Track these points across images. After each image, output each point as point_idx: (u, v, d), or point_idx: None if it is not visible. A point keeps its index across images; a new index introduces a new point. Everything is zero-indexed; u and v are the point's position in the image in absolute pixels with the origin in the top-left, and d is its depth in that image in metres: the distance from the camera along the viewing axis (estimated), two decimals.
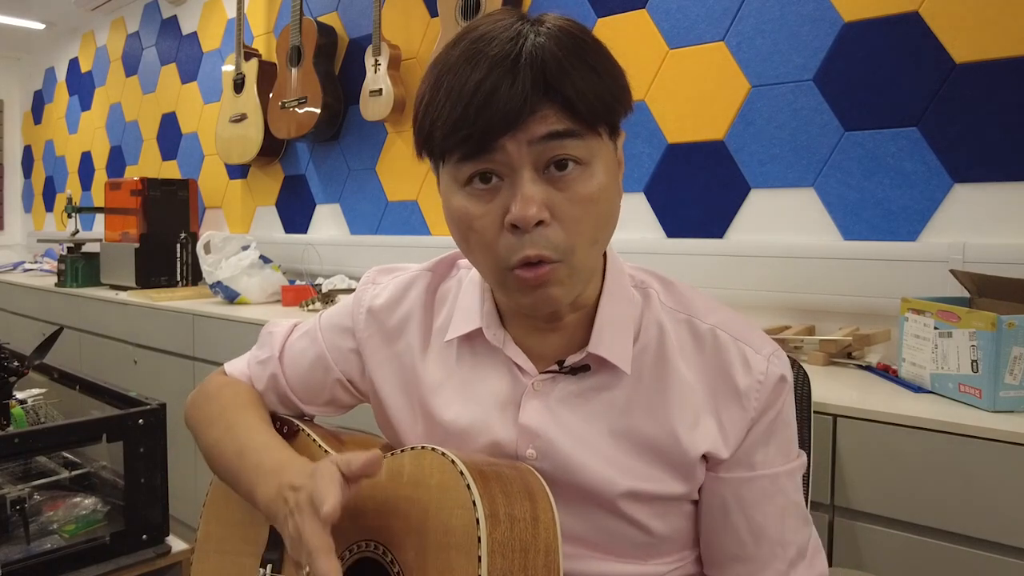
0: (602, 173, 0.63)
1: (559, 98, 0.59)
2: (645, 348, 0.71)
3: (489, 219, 0.62)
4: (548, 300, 0.64)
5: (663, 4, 1.83)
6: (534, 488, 0.65)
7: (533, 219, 0.59)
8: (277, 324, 0.91)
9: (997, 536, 0.98)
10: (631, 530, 0.70)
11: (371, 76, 2.43)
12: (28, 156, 4.92)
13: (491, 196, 0.62)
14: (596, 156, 0.62)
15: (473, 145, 0.60)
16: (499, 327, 0.73)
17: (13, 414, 1.12)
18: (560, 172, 0.61)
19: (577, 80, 0.59)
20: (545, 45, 0.59)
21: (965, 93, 1.40)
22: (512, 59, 0.59)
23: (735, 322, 0.72)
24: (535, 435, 0.70)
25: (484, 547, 0.59)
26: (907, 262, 1.45)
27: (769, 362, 0.70)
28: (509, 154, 0.60)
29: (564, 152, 0.60)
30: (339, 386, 0.84)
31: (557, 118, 0.59)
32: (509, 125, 0.58)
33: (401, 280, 0.83)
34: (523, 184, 0.60)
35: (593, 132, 0.61)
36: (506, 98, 0.58)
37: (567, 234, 0.61)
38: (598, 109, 0.61)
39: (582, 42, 0.61)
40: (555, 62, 0.59)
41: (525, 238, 0.60)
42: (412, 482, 0.65)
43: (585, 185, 0.61)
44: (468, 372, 0.75)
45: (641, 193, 1.89)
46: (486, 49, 0.60)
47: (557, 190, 0.61)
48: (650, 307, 0.73)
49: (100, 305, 2.78)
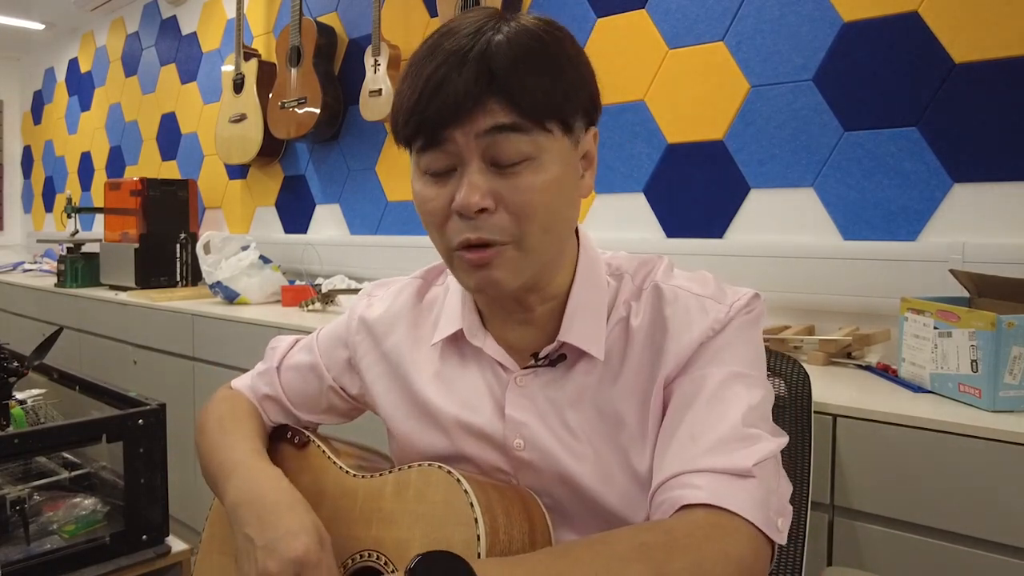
0: (553, 167, 0.64)
1: (504, 93, 0.61)
2: (613, 329, 0.72)
3: (438, 203, 0.65)
4: (491, 282, 0.66)
5: (663, 4, 1.83)
6: (533, 512, 0.68)
7: (474, 207, 0.62)
8: (281, 339, 0.96)
9: (997, 536, 0.98)
10: (619, 514, 0.71)
11: (371, 76, 2.43)
12: (28, 156, 4.92)
13: (444, 182, 0.65)
14: (545, 151, 0.64)
15: (426, 134, 0.63)
16: (480, 328, 0.76)
17: (13, 414, 1.12)
18: (507, 164, 0.63)
19: (523, 76, 0.61)
20: (500, 42, 0.62)
21: (965, 93, 1.40)
22: (463, 53, 0.61)
23: (705, 283, 0.73)
24: (521, 425, 0.73)
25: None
26: (907, 262, 1.45)
27: (730, 307, 0.70)
28: (458, 144, 0.63)
29: (508, 147, 0.62)
30: (332, 393, 0.88)
31: (503, 112, 0.61)
32: (455, 116, 0.61)
33: (392, 289, 0.87)
34: (469, 173, 0.63)
35: (540, 128, 0.63)
36: (452, 89, 0.61)
37: (514, 221, 0.64)
38: (544, 105, 0.62)
39: (540, 41, 0.63)
40: (503, 58, 0.61)
41: (470, 223, 0.64)
42: (417, 497, 0.67)
43: (532, 177, 0.63)
44: (455, 371, 0.78)
45: (641, 193, 1.89)
46: (445, 43, 0.63)
47: (504, 180, 0.63)
48: (622, 290, 0.74)
49: (100, 305, 2.78)
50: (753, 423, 0.65)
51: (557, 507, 0.72)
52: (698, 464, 0.62)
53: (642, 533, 0.58)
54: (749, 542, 0.59)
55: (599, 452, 0.71)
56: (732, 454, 0.62)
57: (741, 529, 0.59)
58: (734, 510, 0.59)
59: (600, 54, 1.95)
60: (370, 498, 0.71)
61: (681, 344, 0.69)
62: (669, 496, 0.62)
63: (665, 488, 0.63)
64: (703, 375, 0.68)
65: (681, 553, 0.55)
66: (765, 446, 0.64)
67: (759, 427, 0.65)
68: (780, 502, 0.64)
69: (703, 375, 0.68)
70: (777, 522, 0.62)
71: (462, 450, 0.76)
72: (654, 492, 0.65)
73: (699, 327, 0.69)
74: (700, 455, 0.63)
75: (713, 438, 0.63)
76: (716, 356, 0.69)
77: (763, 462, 0.63)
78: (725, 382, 0.67)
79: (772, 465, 0.65)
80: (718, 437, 0.63)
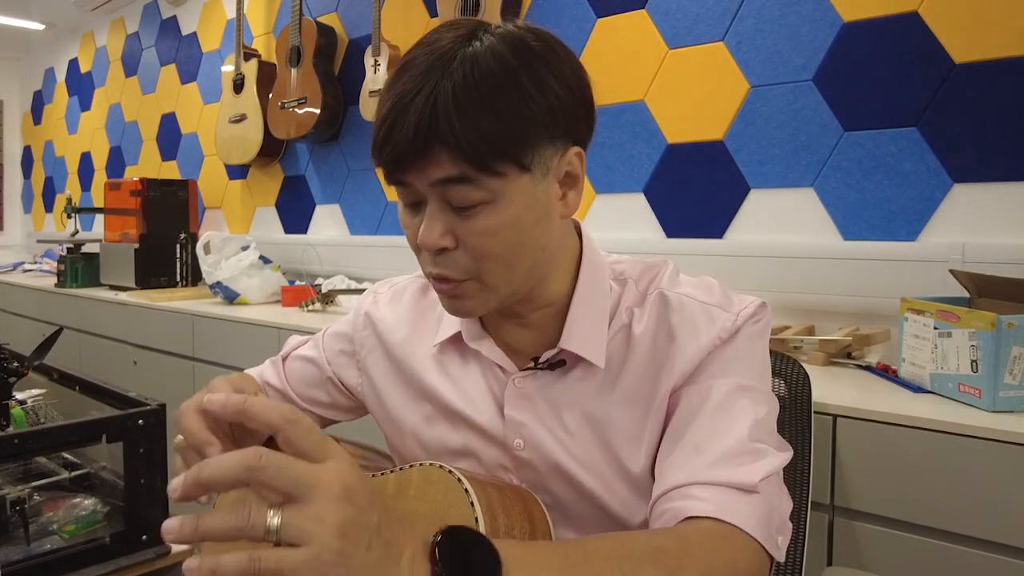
0: (511, 207, 0.62)
1: (446, 142, 0.59)
2: (615, 336, 0.72)
3: (412, 231, 0.66)
4: (462, 310, 0.69)
5: (663, 4, 1.83)
6: (533, 511, 0.68)
7: (433, 247, 0.63)
8: (296, 338, 0.98)
9: (997, 536, 0.98)
10: (618, 516, 0.71)
11: (371, 76, 2.43)
12: (28, 156, 4.92)
13: (415, 212, 0.66)
14: (500, 194, 0.62)
15: (387, 174, 0.64)
16: (479, 329, 0.77)
17: (13, 415, 1.12)
18: (463, 209, 0.62)
19: (465, 124, 0.58)
20: (445, 87, 0.58)
21: (965, 93, 1.40)
22: (410, 98, 0.59)
23: (711, 290, 0.73)
24: (520, 425, 0.73)
25: None
26: (907, 262, 1.45)
27: (737, 316, 0.70)
28: (415, 187, 0.63)
29: (459, 196, 0.61)
30: (331, 385, 0.90)
31: (449, 162, 0.60)
32: (408, 163, 0.61)
33: (397, 287, 0.88)
34: (429, 214, 0.63)
35: (490, 173, 0.60)
36: (398, 139, 0.60)
37: (473, 259, 0.64)
38: (490, 151, 0.59)
39: (491, 76, 0.59)
40: (446, 105, 0.58)
41: (432, 258, 0.65)
42: (418, 496, 0.67)
43: (488, 220, 0.62)
44: (457, 370, 0.78)
45: (641, 193, 1.89)
46: (402, 78, 0.61)
47: (462, 221, 0.63)
48: (625, 296, 0.74)
49: (100, 306, 2.78)
50: (759, 438, 0.65)
51: (557, 506, 0.73)
52: (704, 476, 0.62)
53: (656, 537, 0.58)
54: (753, 557, 0.59)
55: (594, 453, 0.71)
56: (738, 468, 0.62)
57: (745, 544, 0.59)
58: (739, 525, 0.59)
59: (600, 54, 1.95)
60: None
61: (688, 353, 0.69)
62: (673, 506, 0.62)
63: (668, 498, 0.63)
64: (709, 386, 0.68)
65: (694, 560, 0.55)
66: (771, 461, 0.64)
67: (765, 441, 0.65)
68: (781, 519, 0.64)
69: (709, 386, 0.68)
70: (778, 540, 0.62)
71: (468, 445, 0.76)
72: (656, 500, 0.65)
73: (706, 336, 0.69)
74: (706, 467, 0.63)
75: (719, 451, 0.63)
76: (723, 367, 0.68)
77: (768, 478, 0.63)
78: (732, 394, 0.67)
79: (776, 481, 0.65)
80: (724, 450, 0.63)
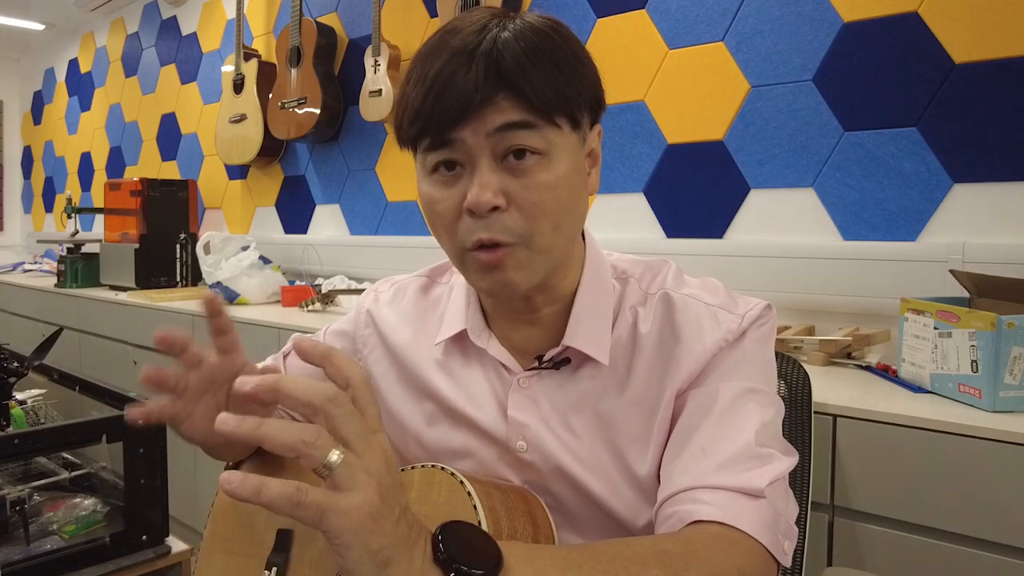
0: (562, 164, 0.64)
1: (513, 89, 0.60)
2: (620, 336, 0.72)
3: (449, 203, 0.64)
4: (505, 283, 0.65)
5: (662, 4, 1.83)
6: (536, 513, 0.68)
7: (487, 205, 0.61)
8: (301, 335, 0.96)
9: (997, 536, 0.98)
10: (622, 518, 0.70)
11: (371, 76, 2.43)
12: (28, 157, 4.92)
13: (454, 182, 0.64)
14: (555, 147, 0.63)
15: (433, 134, 0.62)
16: (484, 328, 0.76)
17: (13, 415, 1.12)
18: (518, 161, 0.62)
19: (532, 72, 0.61)
20: (507, 39, 0.61)
21: (964, 93, 1.40)
22: (470, 51, 0.61)
23: (715, 292, 0.72)
24: (523, 427, 0.72)
25: None
26: (907, 262, 1.45)
27: (743, 318, 0.70)
28: (467, 144, 0.62)
29: (520, 142, 0.62)
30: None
31: (513, 109, 0.61)
32: (463, 114, 0.60)
33: (399, 286, 0.87)
34: (480, 172, 0.62)
35: (550, 123, 0.62)
36: (460, 88, 0.60)
37: (525, 219, 0.63)
38: (553, 101, 0.62)
39: (546, 37, 0.63)
40: (511, 55, 0.60)
41: (481, 222, 0.63)
42: (420, 498, 0.67)
43: (543, 174, 0.63)
44: (460, 370, 0.77)
45: (641, 193, 1.89)
46: (451, 41, 0.62)
47: (515, 178, 0.63)
48: (627, 295, 0.74)
49: (100, 306, 2.78)
50: (765, 442, 0.64)
51: (560, 508, 0.72)
52: (710, 480, 0.62)
53: (662, 541, 0.57)
54: (760, 562, 0.59)
55: (600, 456, 0.70)
56: (745, 473, 0.62)
57: (752, 549, 0.59)
58: (745, 530, 0.59)
59: (600, 54, 1.94)
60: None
61: (693, 355, 0.68)
62: (679, 509, 0.61)
63: (674, 501, 0.63)
64: (716, 388, 0.67)
65: (699, 564, 0.55)
66: (777, 466, 0.63)
67: (771, 446, 0.64)
68: (787, 524, 0.63)
69: (716, 388, 0.67)
70: (784, 544, 0.62)
71: (469, 446, 0.76)
72: (662, 503, 0.64)
73: (711, 337, 0.69)
74: (712, 471, 0.62)
75: (726, 455, 0.63)
76: (729, 370, 0.68)
77: (775, 483, 0.62)
78: (738, 397, 0.66)
79: (782, 486, 0.64)
80: (731, 454, 0.63)
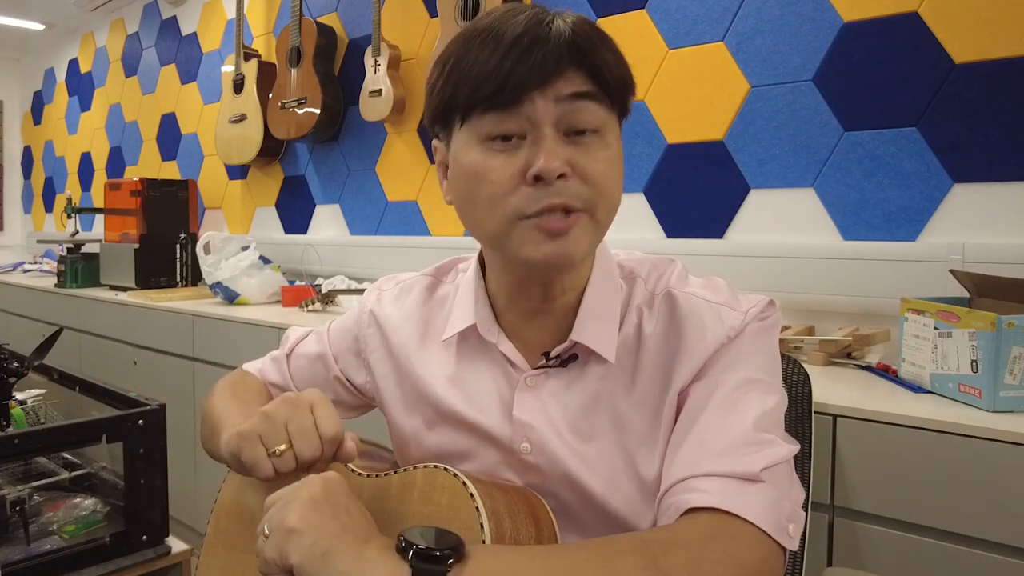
0: (613, 144, 0.66)
1: (588, 65, 0.63)
2: (626, 336, 0.72)
3: (506, 172, 0.63)
4: (563, 252, 0.64)
5: (662, 4, 1.83)
6: (539, 515, 0.67)
7: (556, 171, 0.62)
8: (296, 329, 0.96)
9: (997, 536, 0.98)
10: (626, 521, 0.70)
11: (371, 76, 2.43)
12: (28, 157, 4.92)
13: (511, 151, 0.64)
14: (608, 127, 0.66)
15: (504, 97, 0.62)
16: (493, 323, 0.75)
17: (13, 415, 1.12)
18: (578, 136, 0.64)
19: (600, 50, 0.64)
20: (574, 21, 0.64)
21: (964, 93, 1.40)
22: (545, 25, 0.63)
23: (719, 290, 0.72)
24: (528, 428, 0.72)
25: None
26: (907, 262, 1.45)
27: (745, 315, 0.70)
28: (536, 109, 0.62)
29: (584, 115, 0.63)
30: (338, 383, 0.88)
31: (582, 81, 0.63)
32: (541, 79, 0.61)
33: (403, 285, 0.86)
34: (547, 140, 0.62)
35: (610, 101, 0.65)
36: (542, 54, 0.61)
37: (589, 188, 0.64)
38: (615, 80, 0.65)
39: (602, 31, 0.66)
40: (584, 35, 0.63)
41: (550, 189, 0.62)
42: (423, 499, 0.67)
43: (601, 151, 0.65)
44: (465, 369, 0.77)
45: (641, 193, 1.89)
46: (513, 21, 0.63)
47: (576, 149, 0.64)
48: (634, 295, 0.74)
49: (100, 306, 2.78)
50: (765, 428, 0.64)
51: (563, 510, 0.71)
52: (706, 468, 0.61)
53: (646, 533, 0.58)
54: (756, 547, 0.58)
55: (607, 457, 0.70)
56: (742, 459, 0.61)
57: (749, 534, 0.58)
58: (741, 514, 0.58)
59: None
60: (374, 498, 0.70)
61: (695, 352, 0.68)
62: (676, 499, 0.61)
63: (672, 492, 0.63)
64: (716, 381, 0.67)
65: (679, 549, 0.55)
66: (776, 451, 0.63)
67: (771, 432, 0.64)
68: (792, 508, 0.63)
69: (716, 381, 0.67)
70: (788, 528, 0.61)
71: (467, 449, 0.75)
72: (662, 496, 0.64)
73: (713, 334, 0.68)
74: (709, 459, 0.62)
75: (724, 442, 0.63)
76: (730, 362, 0.68)
77: (773, 467, 0.62)
78: (739, 387, 0.66)
79: (784, 470, 0.64)
80: (729, 441, 0.63)
